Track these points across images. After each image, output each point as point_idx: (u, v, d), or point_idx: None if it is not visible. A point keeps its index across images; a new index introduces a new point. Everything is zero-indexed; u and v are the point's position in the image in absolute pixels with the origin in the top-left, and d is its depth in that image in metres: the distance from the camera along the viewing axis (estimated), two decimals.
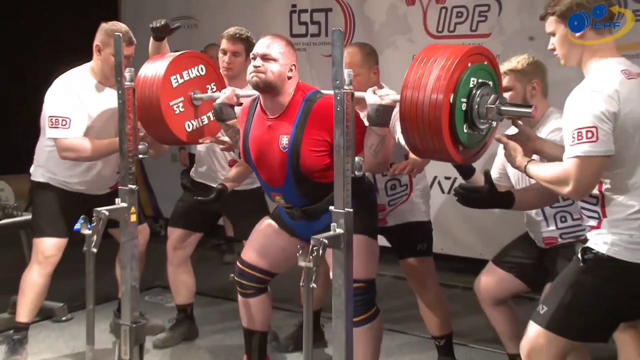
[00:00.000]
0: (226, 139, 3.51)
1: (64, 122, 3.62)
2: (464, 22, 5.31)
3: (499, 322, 3.35)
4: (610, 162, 2.35)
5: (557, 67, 2.75)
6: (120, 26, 3.75)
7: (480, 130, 2.65)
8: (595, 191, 2.45)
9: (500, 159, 3.25)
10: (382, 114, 2.74)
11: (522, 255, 3.29)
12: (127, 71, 3.25)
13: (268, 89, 3.03)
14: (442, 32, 5.41)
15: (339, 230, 2.63)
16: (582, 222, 2.73)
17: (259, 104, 3.17)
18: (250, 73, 3.03)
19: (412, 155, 3.26)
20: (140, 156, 3.32)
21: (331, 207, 2.68)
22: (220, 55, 3.91)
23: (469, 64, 2.56)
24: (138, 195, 3.33)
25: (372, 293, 3.14)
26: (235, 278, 3.39)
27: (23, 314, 3.81)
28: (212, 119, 3.52)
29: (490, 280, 3.33)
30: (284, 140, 3.03)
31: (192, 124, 3.55)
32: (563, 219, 3.08)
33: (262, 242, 3.36)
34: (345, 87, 2.59)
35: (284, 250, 3.30)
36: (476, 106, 2.57)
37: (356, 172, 2.70)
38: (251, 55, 3.09)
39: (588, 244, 2.48)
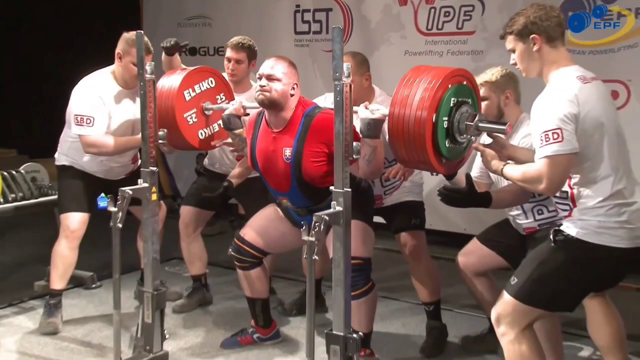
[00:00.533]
0: None
1: (88, 121, 3.63)
2: (451, 20, 5.28)
3: (480, 291, 3.34)
4: (576, 158, 2.37)
5: None
6: (134, 38, 3.73)
7: (461, 144, 2.67)
8: (565, 187, 2.47)
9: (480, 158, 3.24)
10: (372, 128, 2.73)
11: (505, 236, 3.27)
12: (148, 65, 3.23)
13: (272, 105, 3.04)
14: (432, 30, 5.37)
15: (339, 208, 2.63)
16: (557, 214, 2.74)
17: (263, 118, 3.17)
18: (257, 92, 3.04)
19: None
20: (160, 141, 3.31)
21: (331, 187, 2.69)
22: (225, 62, 3.93)
23: (450, 85, 2.57)
24: (158, 176, 3.33)
25: (369, 270, 3.16)
26: (232, 253, 3.41)
27: (56, 282, 3.84)
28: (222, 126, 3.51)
29: (474, 256, 3.33)
30: (287, 152, 3.05)
31: (204, 132, 3.59)
32: (540, 212, 3.07)
33: (263, 224, 3.37)
34: (344, 79, 2.59)
35: (284, 235, 3.32)
36: (456, 123, 2.59)
37: (354, 156, 2.70)
38: (257, 75, 3.10)
39: (560, 228, 2.50)
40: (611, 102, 2.55)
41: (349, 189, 2.69)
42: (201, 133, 3.57)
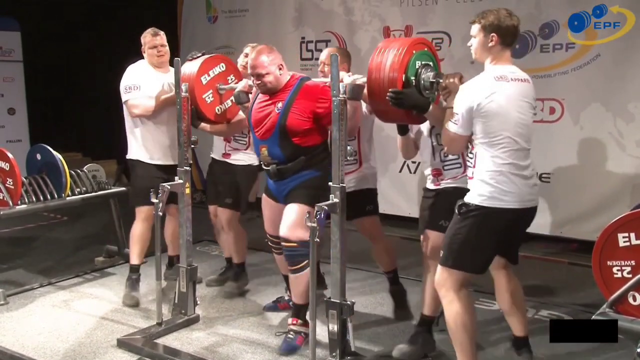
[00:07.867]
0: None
1: (134, 87, 3.59)
2: None
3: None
4: (468, 138, 2.42)
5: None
6: (147, 31, 3.72)
7: (426, 98, 2.60)
8: (473, 151, 2.44)
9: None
10: (356, 91, 2.68)
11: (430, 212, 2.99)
12: (184, 85, 3.26)
13: (270, 91, 2.99)
14: None
15: (336, 200, 2.61)
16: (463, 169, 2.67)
17: None
18: (255, 87, 3.03)
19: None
20: (192, 146, 3.35)
21: (330, 183, 2.63)
22: (242, 57, 3.76)
23: (414, 51, 2.55)
24: (191, 174, 3.30)
25: (304, 250, 2.75)
26: (269, 243, 3.24)
27: (135, 257, 3.73)
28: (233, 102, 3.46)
29: (427, 243, 3.03)
30: (279, 105, 2.95)
31: (220, 108, 3.57)
32: (445, 154, 2.87)
33: (267, 214, 3.19)
34: (341, 96, 2.54)
35: (275, 214, 3.10)
36: (422, 81, 2.56)
37: (348, 158, 2.64)
38: (249, 72, 3.00)
39: (464, 200, 2.44)
40: (522, 99, 2.43)
41: (344, 184, 2.63)
42: (218, 109, 3.55)
